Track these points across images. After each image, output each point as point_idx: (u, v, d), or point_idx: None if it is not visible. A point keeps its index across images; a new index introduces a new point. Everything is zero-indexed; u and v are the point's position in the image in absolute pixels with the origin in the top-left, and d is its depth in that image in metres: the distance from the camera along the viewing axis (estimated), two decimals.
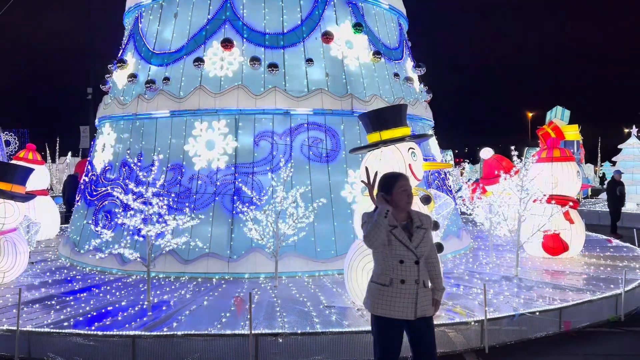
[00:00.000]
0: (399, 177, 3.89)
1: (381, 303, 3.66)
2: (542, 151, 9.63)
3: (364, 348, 5.31)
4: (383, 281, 3.67)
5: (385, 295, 3.65)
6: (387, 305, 3.65)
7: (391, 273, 3.65)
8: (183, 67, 9.04)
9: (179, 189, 8.37)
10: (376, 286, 3.70)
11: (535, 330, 5.98)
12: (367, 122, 6.56)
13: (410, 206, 3.86)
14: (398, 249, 3.65)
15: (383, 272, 3.68)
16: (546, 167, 9.06)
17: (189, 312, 6.09)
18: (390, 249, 3.64)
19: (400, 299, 3.64)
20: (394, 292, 3.64)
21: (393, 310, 3.64)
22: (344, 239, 7.93)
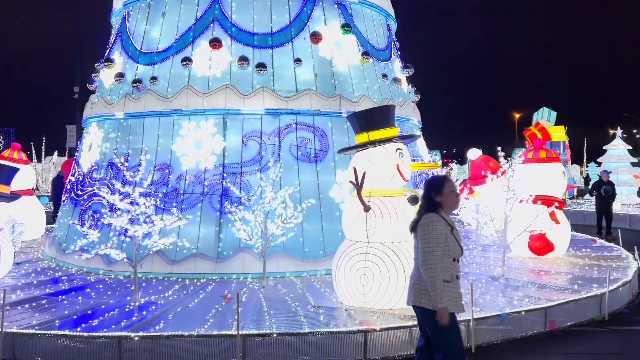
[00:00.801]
0: (447, 179, 4.10)
1: (451, 299, 3.82)
2: (528, 152, 9.72)
3: (352, 348, 5.33)
4: (447, 278, 3.82)
5: (449, 291, 3.82)
6: (454, 300, 3.85)
7: (450, 270, 3.83)
8: (171, 67, 9.00)
9: (167, 189, 8.32)
10: (446, 284, 3.81)
11: (521, 330, 6.04)
12: (355, 122, 6.59)
13: (458, 206, 4.15)
14: (454, 248, 3.88)
15: (444, 270, 3.82)
16: (532, 167, 9.14)
17: (176, 313, 6.06)
18: (446, 247, 3.83)
19: (458, 294, 3.90)
20: (455, 288, 3.87)
21: (458, 306, 3.90)
22: (332, 239, 7.94)
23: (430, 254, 3.80)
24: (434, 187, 4.01)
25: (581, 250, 10.04)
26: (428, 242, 3.83)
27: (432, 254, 3.80)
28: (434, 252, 3.80)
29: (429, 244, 3.82)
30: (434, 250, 3.80)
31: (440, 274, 3.78)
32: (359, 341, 5.34)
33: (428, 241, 3.83)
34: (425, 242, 3.84)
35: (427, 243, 3.83)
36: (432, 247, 3.81)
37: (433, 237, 3.82)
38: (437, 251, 3.81)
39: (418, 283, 3.95)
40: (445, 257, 3.83)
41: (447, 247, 3.83)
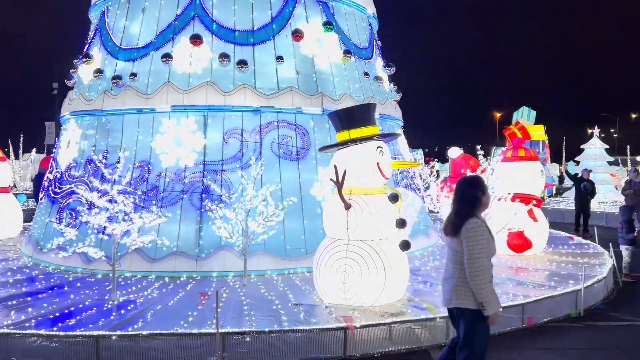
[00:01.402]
0: (482, 179, 4.27)
1: (496, 297, 3.97)
2: (507, 150, 9.85)
3: (332, 345, 5.35)
4: (490, 279, 3.96)
5: (494, 290, 3.96)
6: (497, 298, 3.98)
7: (490, 270, 3.96)
8: (151, 63, 8.90)
9: (146, 186, 8.24)
10: (490, 284, 3.93)
11: (498, 326, 6.09)
12: (336, 120, 6.60)
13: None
14: (493, 248, 4.03)
15: (489, 270, 3.95)
16: (511, 166, 9.26)
17: (155, 312, 6.01)
18: (489, 250, 3.96)
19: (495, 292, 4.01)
20: (492, 287, 4.00)
21: (499, 302, 4.02)
22: (313, 237, 7.94)
23: (478, 260, 3.88)
24: (480, 186, 4.08)
25: (558, 248, 10.21)
26: (475, 249, 3.90)
27: (479, 259, 3.88)
28: (481, 258, 3.89)
29: (476, 249, 3.90)
30: (481, 254, 3.90)
31: (487, 277, 3.91)
32: (339, 338, 5.36)
33: (474, 247, 3.90)
34: (473, 248, 3.90)
35: (474, 249, 3.90)
36: (479, 252, 3.89)
37: (479, 243, 3.90)
38: (483, 256, 3.91)
39: (461, 285, 3.99)
40: (488, 259, 3.97)
41: (489, 249, 3.98)
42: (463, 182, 4.19)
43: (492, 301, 3.88)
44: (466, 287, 3.95)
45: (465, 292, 3.96)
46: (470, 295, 3.93)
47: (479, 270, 3.86)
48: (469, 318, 3.96)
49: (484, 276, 3.86)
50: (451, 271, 4.11)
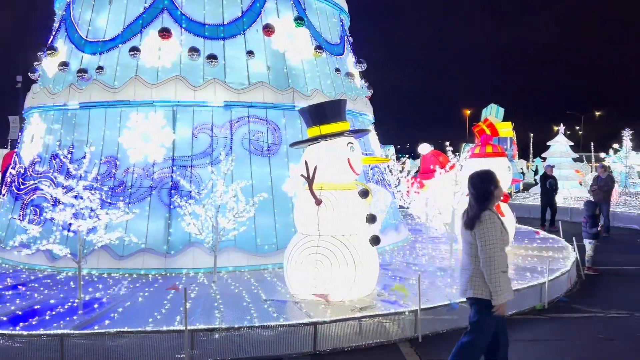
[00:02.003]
0: (494, 173, 4.31)
1: (509, 288, 4.10)
2: (476, 147, 10.00)
3: (301, 341, 5.36)
4: (504, 269, 4.07)
5: (508, 281, 4.11)
6: (510, 289, 4.13)
7: (505, 260, 4.09)
8: (118, 57, 8.72)
9: (113, 182, 8.08)
10: (503, 274, 4.05)
11: (466, 319, 6.21)
12: (307, 116, 6.59)
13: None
14: (505, 239, 4.14)
15: (502, 262, 4.04)
16: (479, 162, 9.40)
17: (122, 310, 5.91)
18: (502, 241, 4.08)
19: (510, 281, 4.17)
20: (508, 277, 4.15)
21: (512, 292, 4.17)
22: (285, 233, 7.93)
23: (491, 250, 3.99)
24: (492, 180, 4.19)
25: (524, 242, 10.44)
26: (489, 239, 4.01)
27: (493, 250, 3.99)
28: (494, 248, 4.00)
29: (490, 240, 4.00)
30: (495, 247, 4.00)
31: (499, 267, 4.01)
32: (309, 333, 5.37)
33: (489, 237, 4.01)
34: (486, 239, 4.01)
35: (488, 240, 4.01)
36: (493, 244, 4.00)
37: (492, 234, 4.01)
38: (496, 247, 4.01)
39: (476, 276, 4.11)
40: (502, 250, 4.07)
41: (502, 240, 4.08)
42: (476, 177, 4.27)
43: (503, 291, 4.01)
44: (481, 278, 4.08)
45: (480, 283, 4.09)
46: (485, 286, 4.07)
47: (491, 260, 3.98)
48: (483, 308, 4.10)
49: (496, 266, 3.99)
50: (466, 263, 4.24)
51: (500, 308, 4.03)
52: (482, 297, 4.08)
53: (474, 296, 4.14)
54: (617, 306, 7.09)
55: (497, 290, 3.98)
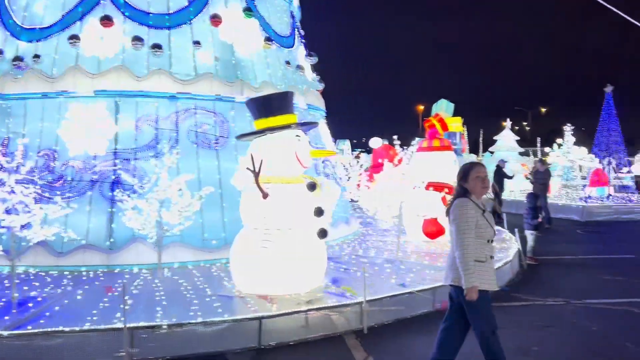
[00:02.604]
0: (475, 165, 4.31)
1: (485, 278, 4.07)
2: (423, 141, 10.17)
3: (246, 336, 5.29)
4: (481, 259, 4.07)
5: (484, 271, 4.07)
6: (488, 279, 4.10)
7: (485, 251, 4.09)
8: (57, 45, 8.35)
9: (51, 176, 7.74)
10: (478, 263, 4.03)
11: (411, 310, 6.33)
12: (253, 108, 6.50)
13: (486, 192, 4.33)
14: (486, 230, 4.12)
15: (477, 251, 4.05)
16: (426, 155, 9.58)
17: (59, 308, 5.67)
18: (478, 230, 4.06)
19: (492, 273, 4.18)
20: (489, 267, 4.12)
21: (492, 283, 4.16)
22: (233, 228, 7.75)
23: (462, 236, 4.03)
24: (460, 174, 4.28)
25: None
26: (459, 225, 4.06)
27: (463, 235, 4.02)
28: (465, 234, 4.03)
29: (461, 227, 4.05)
30: (466, 233, 4.03)
31: (471, 255, 4.01)
32: (254, 328, 5.32)
33: (459, 224, 4.06)
34: (457, 225, 4.06)
35: (458, 226, 4.06)
36: (463, 230, 4.04)
37: (464, 220, 4.05)
38: (468, 233, 4.03)
39: (455, 264, 4.15)
40: (479, 239, 4.08)
41: (479, 230, 4.08)
42: (463, 168, 4.38)
43: (472, 275, 3.99)
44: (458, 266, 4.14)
45: (458, 270, 4.14)
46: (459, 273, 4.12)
47: (462, 244, 4.01)
48: (464, 296, 4.13)
49: (468, 252, 4.00)
50: (450, 251, 4.30)
51: (469, 293, 4.02)
52: (461, 284, 4.11)
53: (453, 283, 4.22)
54: (554, 294, 7.38)
55: (466, 275, 4.00)
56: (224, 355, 5.13)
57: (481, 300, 4.06)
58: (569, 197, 18.95)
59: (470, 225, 4.06)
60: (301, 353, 5.22)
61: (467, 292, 4.02)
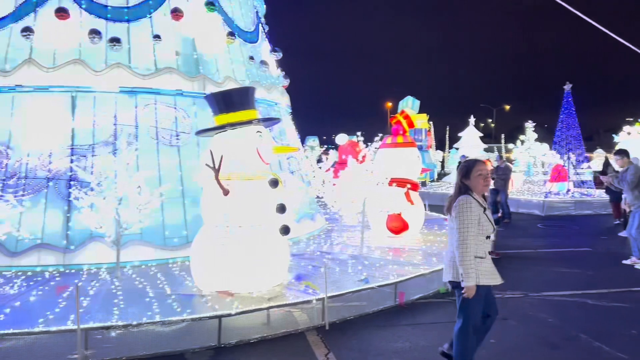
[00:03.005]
0: (476, 163, 4.38)
1: (485, 273, 4.18)
2: (387, 137, 10.24)
3: (205, 334, 5.22)
4: (480, 255, 4.17)
5: (484, 266, 4.18)
6: (488, 274, 4.21)
7: (484, 247, 4.20)
8: (9, 38, 8.05)
9: (4, 173, 7.46)
10: (477, 260, 4.14)
11: (373, 305, 6.36)
12: (213, 103, 6.40)
13: (487, 189, 4.44)
14: (487, 226, 4.21)
15: (478, 247, 4.14)
16: (389, 152, 9.65)
17: (10, 310, 5.47)
18: (480, 227, 4.16)
19: (493, 267, 4.29)
20: (488, 263, 4.24)
21: (494, 278, 4.27)
22: (195, 225, 7.64)
23: (464, 233, 4.10)
24: (462, 171, 4.37)
25: (434, 228, 10.86)
26: (462, 222, 4.12)
27: (466, 233, 4.09)
28: (468, 231, 4.10)
29: (464, 223, 4.11)
30: (468, 230, 4.11)
31: (472, 252, 4.10)
32: (213, 327, 5.25)
33: (462, 221, 4.12)
34: (460, 222, 4.13)
35: (461, 223, 4.12)
36: (467, 227, 4.11)
37: (467, 217, 4.11)
38: (470, 230, 4.11)
39: (454, 260, 4.25)
40: (479, 236, 4.16)
41: (480, 227, 4.16)
42: (459, 167, 4.49)
43: (471, 272, 4.09)
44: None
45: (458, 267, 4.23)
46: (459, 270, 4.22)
47: (463, 243, 4.08)
48: (461, 291, 4.22)
49: (468, 249, 4.08)
50: (449, 247, 4.36)
51: (469, 291, 4.11)
52: (459, 280, 4.22)
53: (453, 279, 4.31)
54: (513, 287, 7.54)
55: (466, 272, 4.09)
56: (183, 355, 5.05)
57: (476, 296, 4.17)
58: (530, 192, 19.41)
59: (474, 222, 4.14)
60: (262, 350, 5.18)
61: (467, 290, 4.13)
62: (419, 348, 5.24)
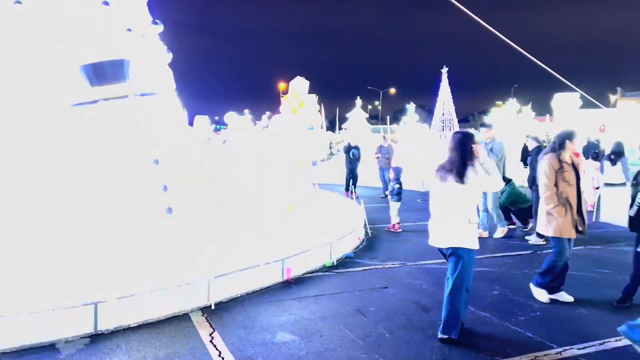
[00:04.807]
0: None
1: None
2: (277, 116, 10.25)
3: (79, 322, 4.92)
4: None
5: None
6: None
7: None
8: None
9: None
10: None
11: (260, 282, 6.39)
12: None
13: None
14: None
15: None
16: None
17: None
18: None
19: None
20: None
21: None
22: None
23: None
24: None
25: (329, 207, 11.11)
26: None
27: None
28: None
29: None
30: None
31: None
32: (89, 314, 4.95)
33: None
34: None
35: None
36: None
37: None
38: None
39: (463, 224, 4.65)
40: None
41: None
42: (463, 136, 4.79)
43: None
44: (464, 227, 4.63)
45: (462, 232, 4.64)
46: (465, 235, 4.64)
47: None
48: (463, 254, 4.65)
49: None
50: (447, 214, 4.69)
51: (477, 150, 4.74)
52: (462, 245, 4.63)
53: (456, 245, 4.65)
54: (392, 258, 8.00)
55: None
56: (54, 345, 4.71)
57: (471, 257, 4.72)
58: (412, 169, 20.55)
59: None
60: (142, 334, 4.99)
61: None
62: (303, 320, 5.37)
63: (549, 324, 5.30)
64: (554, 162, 5.91)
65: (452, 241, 4.69)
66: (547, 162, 5.95)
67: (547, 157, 6.00)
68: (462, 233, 4.66)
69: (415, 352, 4.59)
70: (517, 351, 4.59)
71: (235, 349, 4.65)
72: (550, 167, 5.88)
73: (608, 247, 8.93)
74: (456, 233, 4.67)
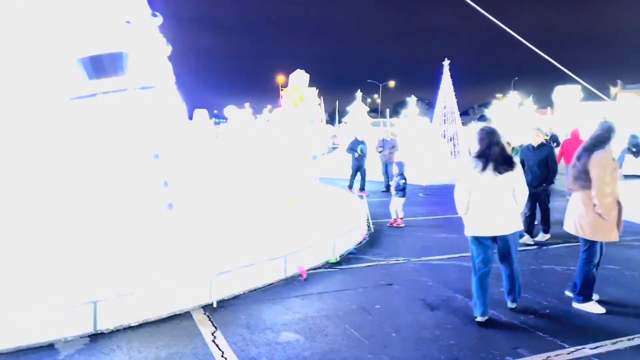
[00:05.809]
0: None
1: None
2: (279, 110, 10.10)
3: (79, 322, 4.80)
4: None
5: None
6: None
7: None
8: None
9: None
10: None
11: (262, 279, 6.28)
12: None
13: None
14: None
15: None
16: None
17: None
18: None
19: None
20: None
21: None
22: None
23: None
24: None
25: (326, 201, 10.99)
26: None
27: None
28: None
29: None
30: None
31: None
32: (88, 313, 4.83)
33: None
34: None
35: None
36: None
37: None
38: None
39: (516, 212, 5.07)
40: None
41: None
42: (490, 133, 5.11)
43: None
44: (517, 211, 5.08)
45: (518, 215, 5.13)
46: (518, 218, 5.13)
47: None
48: (516, 238, 5.21)
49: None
50: (501, 205, 4.98)
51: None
52: (516, 230, 5.11)
53: (514, 231, 5.08)
54: (396, 254, 7.89)
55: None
56: (53, 345, 4.60)
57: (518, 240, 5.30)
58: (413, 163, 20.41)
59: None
60: (143, 334, 4.88)
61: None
62: (307, 318, 5.26)
63: (559, 322, 5.19)
64: (611, 162, 5.31)
65: (513, 227, 5.08)
66: (605, 161, 5.25)
67: (604, 156, 5.29)
68: (518, 217, 5.14)
69: (423, 352, 4.48)
70: (528, 351, 4.48)
71: (238, 349, 4.53)
72: (610, 168, 5.25)
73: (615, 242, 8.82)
74: (514, 218, 5.07)
